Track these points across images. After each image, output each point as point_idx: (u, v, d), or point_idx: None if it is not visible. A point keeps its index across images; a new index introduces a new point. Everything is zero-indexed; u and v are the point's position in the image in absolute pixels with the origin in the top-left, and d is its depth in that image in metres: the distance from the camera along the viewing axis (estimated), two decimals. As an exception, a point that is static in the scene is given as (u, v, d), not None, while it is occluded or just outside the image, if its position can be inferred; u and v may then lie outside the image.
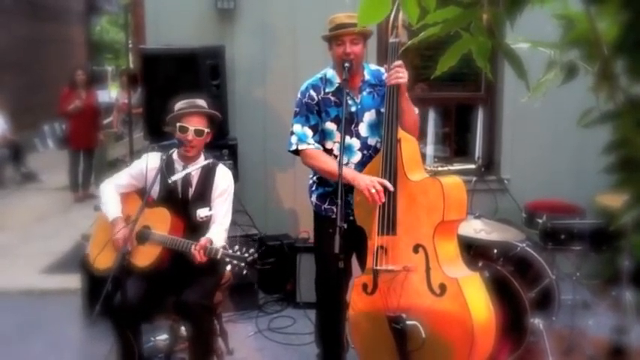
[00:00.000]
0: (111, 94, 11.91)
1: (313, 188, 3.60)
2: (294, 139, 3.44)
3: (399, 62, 3.18)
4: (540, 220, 4.01)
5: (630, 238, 3.88)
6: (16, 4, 11.79)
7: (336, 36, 3.31)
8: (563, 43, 1.28)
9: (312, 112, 3.42)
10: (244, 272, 3.12)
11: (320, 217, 3.58)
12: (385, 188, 3.10)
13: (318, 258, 3.66)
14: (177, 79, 4.50)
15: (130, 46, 7.29)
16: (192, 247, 3.19)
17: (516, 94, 5.04)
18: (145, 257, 3.37)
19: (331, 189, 3.47)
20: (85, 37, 16.45)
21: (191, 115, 3.45)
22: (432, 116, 5.78)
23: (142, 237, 3.41)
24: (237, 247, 3.15)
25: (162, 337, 3.94)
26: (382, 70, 3.48)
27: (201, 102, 3.55)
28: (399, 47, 3.18)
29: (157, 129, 4.30)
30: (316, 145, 3.42)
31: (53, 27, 13.53)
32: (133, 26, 5.95)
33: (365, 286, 3.19)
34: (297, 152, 3.46)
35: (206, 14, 5.14)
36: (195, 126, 3.43)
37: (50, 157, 10.43)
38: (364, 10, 1.28)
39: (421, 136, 5.82)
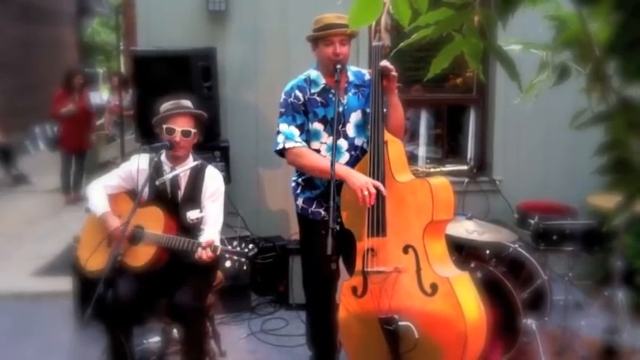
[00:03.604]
0: (102, 96, 11.86)
1: (298, 191, 3.55)
2: (280, 138, 3.38)
3: (385, 62, 3.17)
4: (532, 221, 4.01)
5: (622, 239, 3.91)
6: (6, 6, 11.72)
7: (325, 36, 3.29)
8: (555, 44, 1.28)
9: (299, 111, 3.37)
10: (244, 267, 3.12)
11: (306, 220, 3.54)
12: (377, 190, 3.06)
13: (307, 260, 3.64)
14: (169, 80, 4.47)
15: (122, 48, 7.28)
16: (199, 247, 3.16)
17: (508, 95, 5.06)
18: (139, 257, 3.35)
19: (318, 191, 3.45)
20: (76, 39, 16.37)
21: (177, 115, 3.41)
22: (424, 117, 5.79)
23: (136, 237, 3.39)
24: (235, 244, 3.15)
25: (154, 340, 3.92)
26: (363, 71, 3.48)
27: (187, 102, 3.51)
28: (382, 50, 3.18)
29: (149, 131, 4.28)
30: (303, 143, 3.36)
31: (44, 29, 13.45)
32: (124, 28, 5.95)
33: (354, 289, 3.18)
34: (282, 154, 3.41)
35: (197, 16, 5.13)
36: (182, 127, 3.39)
37: (41, 159, 10.36)
38: (356, 12, 1.28)
39: (413, 137, 5.85)
